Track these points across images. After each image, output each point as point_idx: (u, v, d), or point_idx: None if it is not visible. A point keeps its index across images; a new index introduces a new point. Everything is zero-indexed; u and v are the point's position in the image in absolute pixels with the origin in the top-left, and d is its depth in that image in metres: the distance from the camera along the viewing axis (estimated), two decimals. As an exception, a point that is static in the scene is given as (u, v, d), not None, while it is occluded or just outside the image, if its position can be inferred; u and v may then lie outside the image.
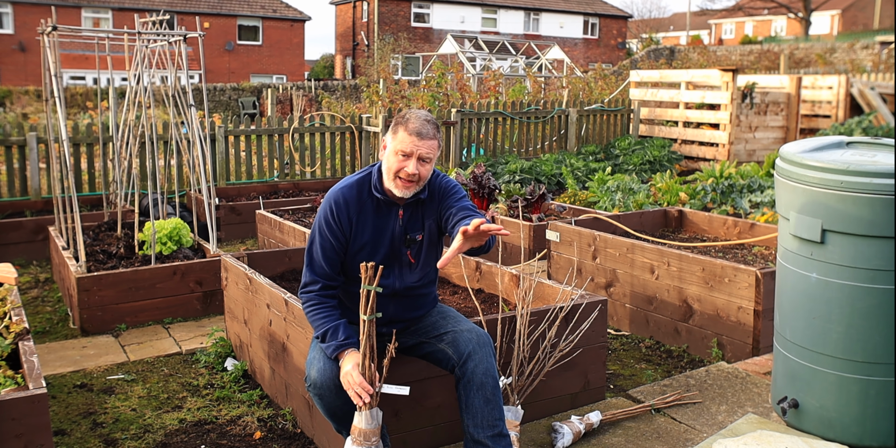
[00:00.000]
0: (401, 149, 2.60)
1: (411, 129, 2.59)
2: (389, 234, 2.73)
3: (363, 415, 2.49)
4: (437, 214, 2.79)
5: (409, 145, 2.59)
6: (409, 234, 2.75)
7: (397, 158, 2.62)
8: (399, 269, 2.76)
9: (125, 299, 4.71)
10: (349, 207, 2.69)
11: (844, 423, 2.84)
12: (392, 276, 2.75)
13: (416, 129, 2.59)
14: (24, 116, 17.80)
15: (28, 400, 2.36)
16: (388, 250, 2.74)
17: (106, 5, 31.21)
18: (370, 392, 2.45)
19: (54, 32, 5.06)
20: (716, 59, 29.57)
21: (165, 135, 7.78)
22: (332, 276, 2.71)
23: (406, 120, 2.62)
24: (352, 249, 2.72)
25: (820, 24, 50.16)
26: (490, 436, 2.58)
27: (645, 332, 4.49)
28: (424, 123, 2.61)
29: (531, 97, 13.87)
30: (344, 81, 26.70)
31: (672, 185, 7.55)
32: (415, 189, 2.67)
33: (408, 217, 2.75)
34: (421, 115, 2.64)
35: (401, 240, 2.75)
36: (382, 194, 2.70)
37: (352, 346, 2.57)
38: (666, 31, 58.98)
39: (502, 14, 38.70)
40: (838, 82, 12.03)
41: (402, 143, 2.60)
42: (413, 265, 2.78)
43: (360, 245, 2.71)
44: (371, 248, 2.72)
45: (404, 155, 2.61)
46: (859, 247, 2.69)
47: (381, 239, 2.72)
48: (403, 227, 2.75)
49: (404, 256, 2.76)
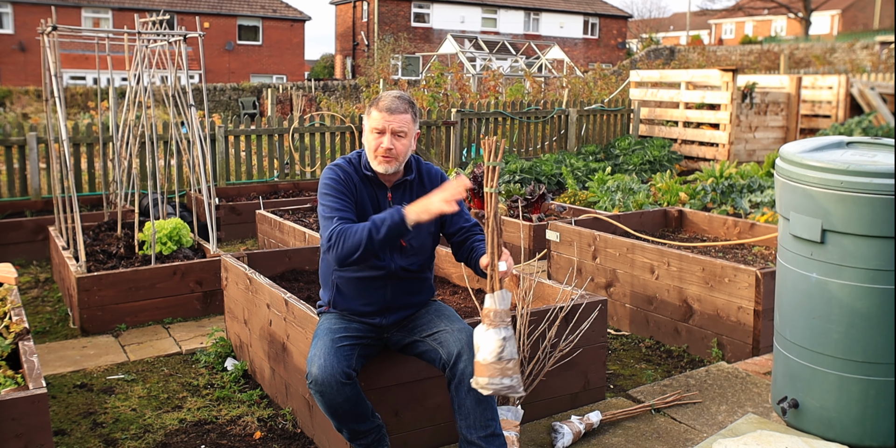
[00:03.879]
0: (374, 126, 2.71)
1: (381, 107, 2.69)
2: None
3: (496, 296, 2.46)
4: None
5: (381, 121, 2.69)
6: None
7: (373, 136, 2.72)
8: (390, 251, 2.77)
9: (125, 299, 4.71)
10: (349, 176, 2.76)
11: (844, 423, 2.84)
12: (386, 258, 2.76)
13: (386, 106, 2.69)
14: (24, 116, 17.81)
15: (28, 400, 2.36)
16: None
17: (106, 5, 31.22)
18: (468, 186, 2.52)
19: (54, 32, 5.06)
20: (716, 59, 29.58)
21: (165, 135, 7.78)
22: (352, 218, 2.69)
23: (378, 99, 2.71)
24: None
25: (820, 24, 50.16)
26: (483, 436, 2.58)
27: (645, 332, 4.49)
28: (394, 99, 2.71)
29: (531, 97, 13.87)
30: (344, 81, 26.71)
31: (672, 185, 7.55)
32: (395, 164, 2.74)
33: (398, 199, 2.80)
34: (392, 93, 2.74)
35: None
36: (372, 172, 2.77)
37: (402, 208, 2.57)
38: (666, 31, 58.98)
39: (502, 14, 38.70)
40: (838, 82, 12.03)
41: (375, 121, 2.70)
42: (405, 249, 2.79)
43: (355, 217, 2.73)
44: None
45: (378, 132, 2.70)
46: (859, 247, 2.69)
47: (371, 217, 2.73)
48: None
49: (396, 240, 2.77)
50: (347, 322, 2.76)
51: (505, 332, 2.43)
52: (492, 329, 2.44)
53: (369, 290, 2.77)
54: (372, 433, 2.70)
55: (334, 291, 2.81)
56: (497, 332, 2.43)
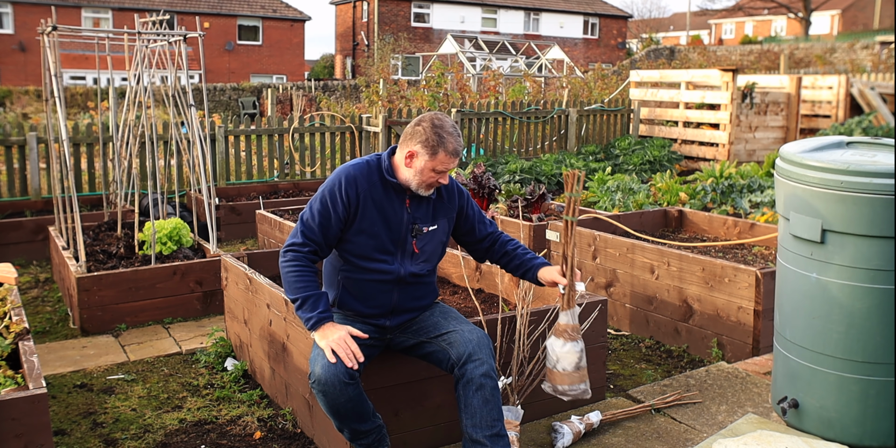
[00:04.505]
0: (438, 168, 2.71)
1: (450, 151, 2.69)
2: (396, 220, 2.76)
3: (570, 313, 2.81)
4: (453, 216, 2.91)
5: (447, 165, 2.71)
6: (417, 224, 2.79)
7: (433, 174, 2.72)
8: (402, 256, 2.79)
9: (125, 299, 4.71)
10: (358, 184, 2.73)
11: (844, 423, 2.84)
12: (395, 262, 2.77)
13: (454, 150, 2.70)
14: (24, 116, 17.80)
15: (28, 400, 2.36)
16: (393, 236, 2.76)
17: (106, 5, 31.21)
18: (360, 360, 2.53)
19: (54, 32, 5.06)
20: (716, 59, 29.57)
21: (165, 135, 7.78)
22: (323, 245, 2.72)
23: (443, 140, 2.67)
24: (355, 228, 2.73)
25: (820, 24, 50.15)
26: (488, 435, 2.59)
27: (645, 332, 4.49)
28: (459, 139, 2.72)
29: (531, 97, 13.87)
30: (344, 81, 26.70)
31: (672, 185, 7.55)
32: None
33: (415, 206, 2.80)
34: (454, 132, 2.72)
35: (408, 228, 2.77)
36: (395, 179, 2.76)
37: (330, 320, 2.61)
38: (666, 31, 58.98)
39: (502, 14, 38.70)
40: (838, 82, 12.03)
41: (441, 164, 2.70)
42: (416, 255, 2.81)
43: (363, 225, 2.73)
44: (376, 229, 2.73)
45: (440, 172, 2.72)
46: (859, 247, 2.69)
47: (387, 222, 2.75)
48: (411, 216, 2.78)
49: (409, 245, 2.79)
50: (351, 322, 2.77)
51: (581, 345, 2.81)
52: (570, 342, 2.80)
53: (377, 293, 2.78)
54: (373, 433, 2.70)
55: (340, 291, 2.81)
56: (574, 345, 2.79)
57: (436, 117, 2.72)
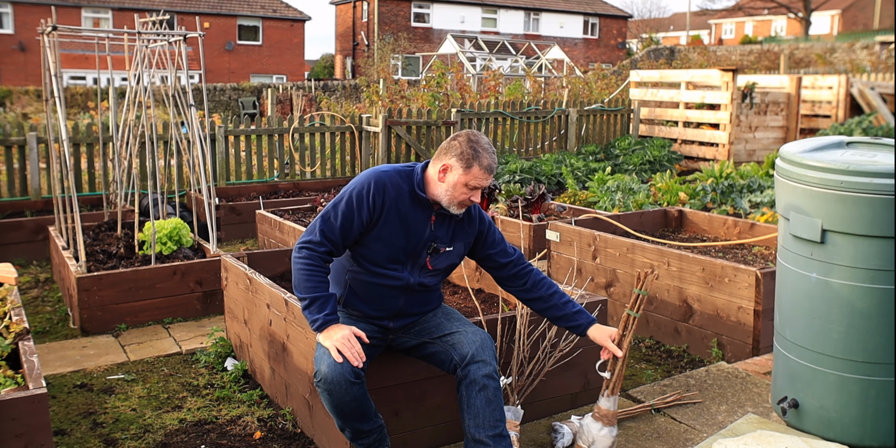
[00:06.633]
0: (473, 184, 2.69)
1: (485, 166, 2.68)
2: (417, 235, 2.75)
3: (612, 399, 2.88)
4: (470, 241, 2.89)
5: (483, 181, 2.69)
6: (436, 243, 2.79)
7: (465, 189, 2.70)
8: (413, 267, 2.79)
9: (125, 299, 4.71)
10: (386, 192, 2.71)
11: (844, 423, 2.84)
12: (406, 271, 2.78)
13: (488, 166, 2.69)
14: (24, 116, 17.80)
15: (28, 400, 2.36)
16: (409, 248, 2.76)
17: (106, 5, 31.21)
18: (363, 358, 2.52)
19: (54, 32, 5.06)
20: (716, 59, 29.57)
21: (165, 135, 7.78)
22: (340, 246, 2.71)
23: (479, 154, 2.67)
24: (374, 234, 2.72)
25: (820, 24, 50.15)
26: (491, 435, 2.61)
27: (645, 332, 4.49)
28: (493, 156, 2.71)
29: (531, 97, 13.87)
30: (344, 81, 26.70)
31: (672, 185, 7.55)
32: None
33: (438, 224, 2.79)
34: (489, 148, 2.71)
35: (425, 245, 2.77)
36: (424, 194, 2.74)
37: (336, 322, 2.61)
38: (666, 31, 58.97)
39: (502, 14, 38.69)
40: (838, 82, 12.03)
41: (475, 179, 2.68)
42: (427, 271, 2.82)
43: (383, 233, 2.72)
44: (394, 239, 2.73)
45: (473, 188, 2.70)
46: (859, 247, 2.69)
47: (407, 235, 2.74)
48: (433, 234, 2.78)
49: (422, 259, 2.80)
50: (355, 321, 2.78)
51: (616, 430, 2.90)
52: (607, 427, 2.87)
53: (384, 297, 2.79)
54: (374, 433, 2.70)
55: (346, 291, 2.82)
56: (611, 430, 2.88)
57: (472, 133, 2.72)
